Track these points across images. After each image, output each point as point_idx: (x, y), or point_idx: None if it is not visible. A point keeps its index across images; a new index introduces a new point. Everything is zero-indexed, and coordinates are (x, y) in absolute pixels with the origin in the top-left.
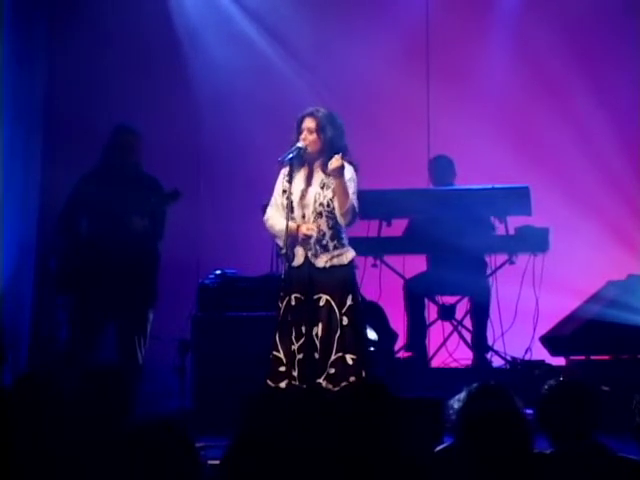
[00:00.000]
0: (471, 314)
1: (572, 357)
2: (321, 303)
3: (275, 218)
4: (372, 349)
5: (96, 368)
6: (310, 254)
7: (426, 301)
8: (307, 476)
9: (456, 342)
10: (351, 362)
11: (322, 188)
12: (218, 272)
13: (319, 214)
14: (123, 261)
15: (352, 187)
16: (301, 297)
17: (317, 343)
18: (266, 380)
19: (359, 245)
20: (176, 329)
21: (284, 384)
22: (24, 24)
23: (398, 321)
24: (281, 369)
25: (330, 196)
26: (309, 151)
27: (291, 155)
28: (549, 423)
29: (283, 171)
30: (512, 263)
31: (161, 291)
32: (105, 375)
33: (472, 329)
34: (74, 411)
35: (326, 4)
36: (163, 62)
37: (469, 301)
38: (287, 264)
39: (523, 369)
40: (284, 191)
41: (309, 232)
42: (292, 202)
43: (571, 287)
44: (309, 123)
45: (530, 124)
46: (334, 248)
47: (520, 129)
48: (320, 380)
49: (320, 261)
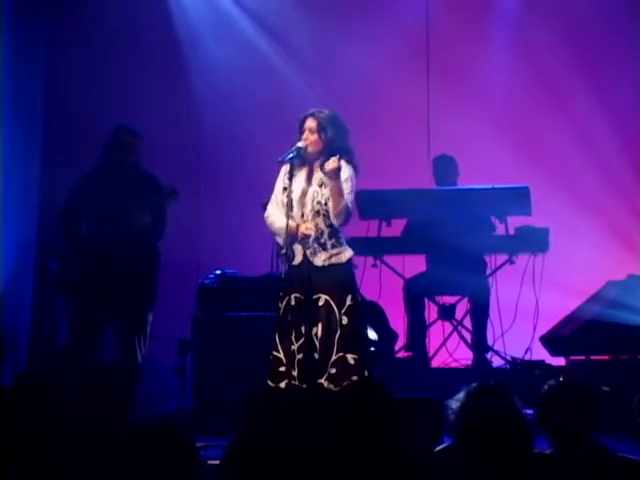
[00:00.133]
0: (471, 314)
1: (572, 357)
2: (320, 303)
3: (275, 215)
4: (372, 349)
5: (96, 368)
6: (309, 252)
7: (426, 301)
8: (307, 476)
9: (456, 342)
10: (353, 362)
11: (320, 187)
12: (218, 272)
13: (317, 213)
14: (123, 261)
15: (349, 187)
16: (301, 297)
17: (317, 343)
18: (267, 380)
19: (359, 245)
20: (176, 329)
21: (284, 384)
22: (24, 24)
23: (398, 321)
24: (281, 369)
25: (328, 195)
26: (309, 151)
27: (291, 155)
28: (549, 423)
29: (284, 169)
30: (512, 263)
31: (161, 291)
32: (105, 375)
33: (472, 329)
34: (74, 411)
35: (326, 4)
36: (163, 62)
37: (469, 301)
38: (287, 264)
39: (523, 369)
40: (284, 189)
41: (308, 231)
42: (292, 200)
43: (571, 287)
44: (310, 123)
45: (530, 124)
46: (332, 247)
47: (520, 129)
48: (321, 380)
49: (318, 260)
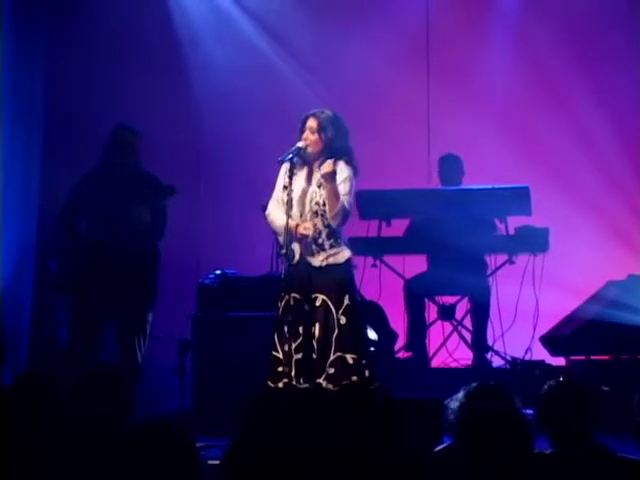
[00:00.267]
0: (471, 314)
1: (572, 357)
2: (318, 303)
3: (275, 213)
4: (372, 349)
5: (96, 368)
6: (306, 252)
7: (426, 301)
8: (307, 476)
9: (456, 342)
10: (352, 361)
11: (319, 187)
12: (218, 272)
13: (315, 213)
14: (123, 261)
15: (347, 187)
16: (299, 297)
17: (314, 343)
18: (267, 380)
19: (359, 245)
20: (176, 329)
21: (282, 384)
22: (24, 24)
23: (398, 321)
24: (279, 369)
25: (326, 196)
26: (309, 151)
27: (291, 155)
28: (549, 423)
29: (284, 167)
30: (512, 263)
31: (161, 291)
32: (105, 375)
33: (472, 329)
34: (74, 411)
35: (326, 4)
36: (163, 62)
37: (469, 301)
38: (286, 264)
39: (523, 369)
40: (285, 187)
41: (305, 231)
42: (292, 199)
43: (571, 287)
44: (311, 123)
45: (530, 124)
46: (330, 247)
47: (520, 129)
48: (320, 380)
49: (316, 260)
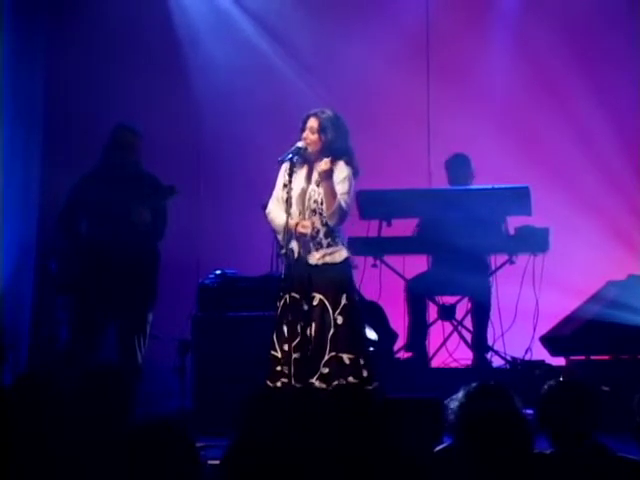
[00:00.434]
0: (472, 314)
1: (572, 357)
2: (315, 302)
3: (275, 212)
4: (372, 349)
5: (96, 368)
6: (304, 250)
7: (427, 301)
8: (307, 476)
9: (456, 342)
10: (348, 362)
11: (318, 186)
12: (218, 272)
13: (313, 211)
14: (123, 261)
15: (345, 187)
16: (298, 296)
17: (311, 343)
18: (265, 380)
19: (359, 245)
20: (176, 329)
21: (280, 383)
22: (24, 24)
23: (398, 321)
24: (278, 368)
25: (323, 193)
26: (309, 151)
27: (291, 155)
28: (549, 423)
29: (285, 166)
30: (512, 263)
31: (161, 291)
32: (105, 375)
33: (472, 329)
34: (74, 411)
35: (326, 4)
36: (163, 62)
37: (469, 301)
38: (286, 263)
39: (523, 369)
40: (285, 185)
41: (304, 230)
42: (291, 198)
43: (571, 287)
44: (312, 123)
45: (530, 124)
46: (327, 246)
47: (520, 129)
48: (312, 380)
49: (313, 258)
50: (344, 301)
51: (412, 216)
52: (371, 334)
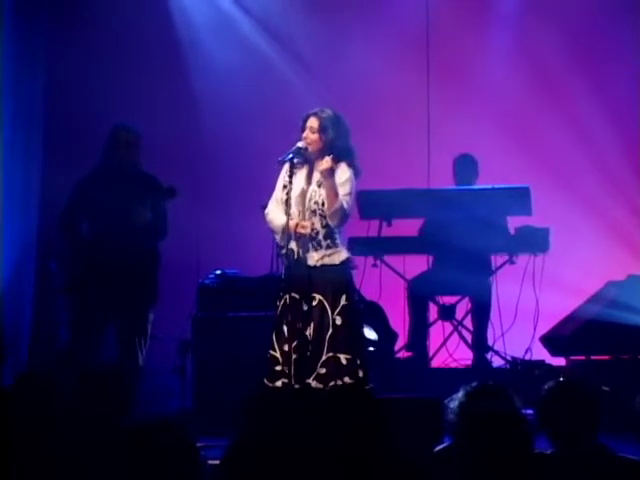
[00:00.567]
0: (472, 314)
1: (572, 357)
2: (314, 303)
3: (274, 213)
4: (372, 349)
5: (96, 368)
6: (302, 251)
7: (428, 301)
8: (306, 476)
9: (456, 342)
10: (345, 362)
11: (319, 187)
12: (218, 272)
13: (313, 212)
14: (124, 261)
15: (347, 189)
16: (298, 297)
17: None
18: (263, 379)
19: (359, 245)
20: (176, 329)
21: (280, 383)
22: (24, 24)
23: (398, 321)
24: (277, 368)
25: (325, 193)
26: (310, 150)
27: (291, 155)
28: (549, 423)
29: (285, 167)
30: (512, 263)
31: (161, 291)
32: (105, 375)
33: (473, 329)
34: (74, 411)
35: (326, 4)
36: (163, 62)
37: (470, 301)
38: (286, 264)
39: (523, 369)
40: (284, 186)
41: (303, 230)
42: (290, 198)
43: (571, 287)
44: (312, 122)
45: (530, 124)
46: (327, 247)
47: (520, 129)
48: (309, 380)
49: (312, 259)
50: (343, 302)
51: (412, 216)
52: (371, 334)
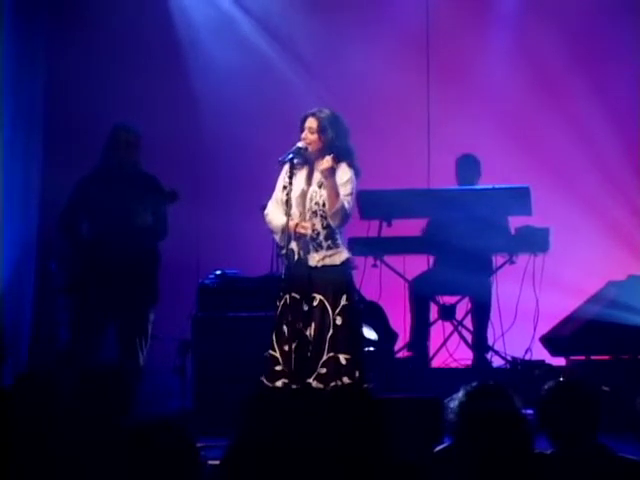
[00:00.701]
0: (472, 314)
1: (572, 357)
2: (315, 303)
3: (274, 213)
4: (372, 349)
5: (96, 368)
6: (303, 252)
7: (429, 301)
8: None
9: (456, 342)
10: (344, 362)
11: (320, 187)
12: (218, 272)
13: (314, 213)
14: (124, 261)
15: (348, 189)
16: (297, 297)
17: (310, 343)
18: (262, 378)
19: (359, 245)
20: (176, 329)
21: (280, 383)
22: (24, 24)
23: (398, 321)
24: (277, 368)
25: (326, 196)
26: (310, 151)
27: (291, 155)
28: (549, 423)
29: (285, 167)
30: (512, 263)
31: (161, 291)
32: (105, 375)
33: (473, 329)
34: (74, 411)
35: (326, 4)
36: (163, 62)
37: (470, 301)
38: (286, 264)
39: (523, 369)
40: (284, 187)
41: (303, 230)
42: (291, 199)
43: (571, 287)
44: (311, 123)
45: (530, 124)
46: (327, 248)
47: (520, 129)
48: (310, 380)
49: (313, 259)
50: (344, 302)
51: (412, 216)
52: (371, 334)
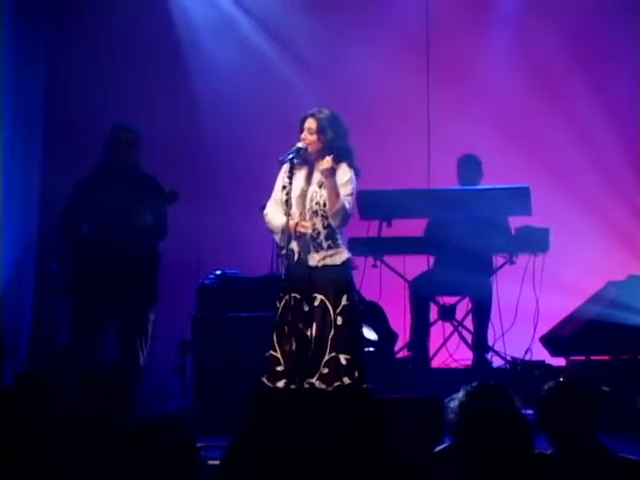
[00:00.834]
0: (472, 314)
1: (572, 357)
2: (316, 303)
3: (274, 213)
4: (372, 349)
5: (96, 368)
6: (303, 252)
7: (430, 302)
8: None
9: (456, 342)
10: (345, 362)
11: (320, 187)
12: (218, 272)
13: (314, 213)
14: (124, 261)
15: (349, 189)
16: (298, 297)
17: (311, 343)
18: (262, 379)
19: (359, 245)
20: (176, 329)
21: (282, 383)
22: (24, 24)
23: (398, 321)
24: (278, 368)
25: (326, 196)
26: (309, 151)
27: (291, 155)
28: (549, 423)
29: (284, 167)
30: (512, 263)
31: (161, 291)
32: (105, 375)
33: (473, 329)
34: (74, 411)
35: (326, 4)
36: (163, 62)
37: (470, 301)
38: (287, 264)
39: (523, 369)
40: (284, 187)
41: (303, 230)
42: (290, 199)
43: (571, 287)
44: (310, 123)
45: (530, 124)
46: (328, 248)
47: (520, 129)
48: (313, 380)
49: (313, 259)
50: (344, 302)
51: (412, 216)
52: (371, 334)
